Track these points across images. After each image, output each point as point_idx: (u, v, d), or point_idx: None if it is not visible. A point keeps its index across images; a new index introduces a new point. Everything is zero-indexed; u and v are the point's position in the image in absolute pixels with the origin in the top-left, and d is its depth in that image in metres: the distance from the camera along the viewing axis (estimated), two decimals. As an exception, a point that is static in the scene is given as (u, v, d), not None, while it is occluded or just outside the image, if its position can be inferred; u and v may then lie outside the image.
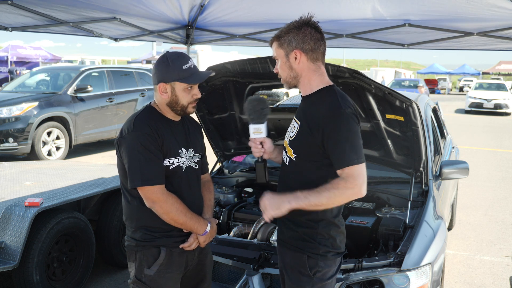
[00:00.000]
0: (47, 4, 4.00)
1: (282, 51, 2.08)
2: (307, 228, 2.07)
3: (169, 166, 2.19)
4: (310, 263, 2.06)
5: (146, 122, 2.15)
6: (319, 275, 2.07)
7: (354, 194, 1.95)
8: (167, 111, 2.25)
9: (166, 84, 2.17)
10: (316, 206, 1.96)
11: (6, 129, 8.25)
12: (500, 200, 7.10)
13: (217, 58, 22.08)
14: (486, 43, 4.57)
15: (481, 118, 20.01)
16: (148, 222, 2.20)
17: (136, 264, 2.22)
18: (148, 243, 2.20)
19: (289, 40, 2.05)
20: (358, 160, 1.94)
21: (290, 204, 1.96)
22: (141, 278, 2.20)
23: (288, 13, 4.70)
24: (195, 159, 2.32)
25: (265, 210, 2.01)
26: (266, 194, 2.05)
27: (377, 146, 3.27)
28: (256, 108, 2.23)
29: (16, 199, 3.57)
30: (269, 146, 2.28)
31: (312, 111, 2.05)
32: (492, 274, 4.47)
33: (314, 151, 2.02)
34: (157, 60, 2.24)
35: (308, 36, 2.05)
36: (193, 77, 2.18)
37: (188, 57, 2.22)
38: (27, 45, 24.57)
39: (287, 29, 2.07)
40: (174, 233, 2.22)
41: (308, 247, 2.07)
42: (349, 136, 1.94)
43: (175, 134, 2.24)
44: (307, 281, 2.07)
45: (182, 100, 2.19)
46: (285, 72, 2.12)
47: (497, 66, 42.39)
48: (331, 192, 1.93)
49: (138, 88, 10.85)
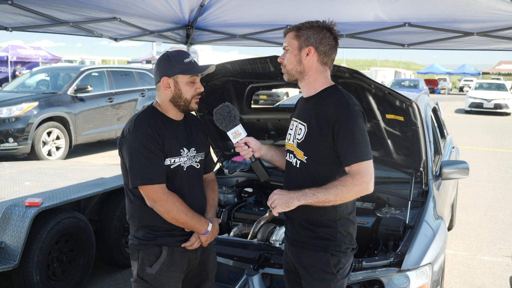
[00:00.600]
0: (47, 4, 4.00)
1: (297, 43, 2.10)
2: (328, 228, 2.11)
3: (170, 166, 2.20)
4: (334, 261, 2.10)
5: (146, 122, 2.17)
6: (341, 272, 2.13)
7: (361, 191, 1.99)
8: (170, 109, 2.26)
9: (169, 79, 2.20)
10: (324, 203, 1.99)
11: (6, 129, 8.25)
12: (500, 200, 7.10)
13: (217, 58, 22.09)
14: (486, 43, 4.57)
15: (481, 118, 20.01)
16: (150, 221, 2.21)
17: (139, 262, 2.24)
18: (150, 242, 2.22)
19: (308, 35, 2.08)
20: (366, 157, 1.98)
21: (299, 201, 2.00)
22: (143, 277, 2.22)
23: (288, 14, 4.72)
24: (197, 159, 2.32)
25: (274, 206, 2.04)
26: (276, 190, 2.08)
27: (377, 146, 3.27)
28: (223, 114, 2.24)
29: (16, 199, 3.57)
30: (255, 144, 2.29)
31: (320, 111, 2.07)
32: (492, 274, 4.47)
33: (326, 151, 2.05)
34: (158, 58, 2.26)
35: (326, 40, 2.09)
36: (195, 68, 2.21)
37: (188, 53, 2.26)
38: (27, 45, 24.56)
39: (310, 25, 2.10)
40: (176, 232, 2.23)
41: (330, 245, 2.11)
42: (357, 133, 1.98)
43: (176, 134, 2.24)
44: (332, 279, 2.11)
45: (185, 94, 2.21)
46: (291, 64, 2.13)
47: (497, 66, 42.38)
48: (338, 189, 1.96)
49: (138, 88, 10.85)
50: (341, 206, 2.09)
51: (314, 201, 1.98)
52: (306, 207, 2.08)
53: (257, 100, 20.01)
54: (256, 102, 19.57)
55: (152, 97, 11.06)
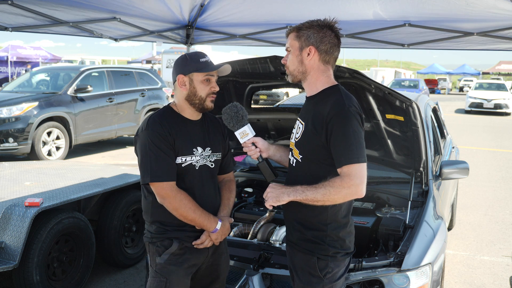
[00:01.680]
0: (47, 4, 4.00)
1: (298, 43, 2.09)
2: (316, 231, 2.09)
3: (181, 164, 2.25)
4: (320, 265, 2.09)
5: (159, 121, 2.23)
6: (329, 276, 2.10)
7: (350, 194, 1.95)
8: (185, 108, 2.30)
9: (184, 76, 2.25)
10: (313, 201, 1.98)
11: (6, 129, 8.25)
12: (500, 200, 7.10)
13: (217, 58, 22.08)
14: (486, 43, 4.58)
15: (481, 118, 20.01)
16: (162, 217, 2.27)
17: (150, 254, 2.33)
18: (162, 235, 2.28)
19: (308, 35, 2.07)
20: (358, 160, 1.93)
21: (289, 196, 2.00)
22: (154, 267, 2.30)
23: (288, 14, 4.72)
24: (211, 158, 2.35)
25: (267, 199, 2.06)
26: (271, 184, 2.10)
27: (377, 146, 3.27)
28: (231, 114, 2.24)
29: (16, 199, 3.57)
30: (262, 144, 2.29)
31: (317, 110, 2.06)
32: (492, 274, 4.47)
33: (319, 151, 2.03)
34: (175, 60, 2.33)
35: (327, 38, 2.07)
36: (210, 66, 2.25)
37: (205, 54, 2.30)
38: (27, 45, 24.57)
39: (310, 24, 2.09)
40: (187, 228, 2.28)
41: (317, 249, 2.09)
42: (350, 134, 1.94)
43: (191, 133, 2.29)
44: (317, 282, 2.09)
45: (200, 92, 2.25)
46: (293, 65, 2.12)
47: (497, 66, 42.40)
48: (326, 189, 1.94)
49: (138, 88, 10.84)
50: (333, 208, 2.06)
51: (303, 199, 1.98)
52: (299, 208, 2.08)
53: (257, 100, 20.01)
54: (256, 102, 19.57)
55: (152, 97, 11.07)
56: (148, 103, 10.89)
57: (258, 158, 2.27)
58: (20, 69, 21.74)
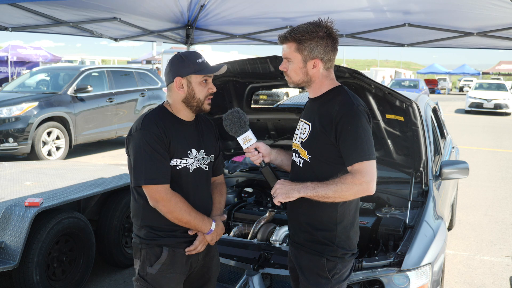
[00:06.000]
0: (47, 4, 4.00)
1: (300, 56, 2.06)
2: (326, 231, 2.10)
3: (176, 167, 2.19)
4: (329, 266, 2.09)
5: (154, 121, 2.16)
6: (337, 277, 2.11)
7: (361, 191, 1.98)
8: (181, 109, 2.24)
9: (182, 79, 2.19)
10: (323, 198, 1.99)
11: (6, 129, 8.25)
12: (500, 200, 7.10)
13: (217, 58, 22.07)
14: (486, 42, 4.58)
15: (481, 118, 20.01)
16: (153, 221, 2.21)
17: (140, 261, 2.24)
18: (152, 242, 2.21)
19: (311, 48, 2.04)
20: (368, 157, 1.97)
21: (299, 193, 2.01)
22: (144, 276, 2.23)
23: (288, 13, 4.72)
24: (206, 161, 2.31)
25: (276, 195, 2.05)
26: (280, 180, 2.10)
27: (377, 146, 3.26)
28: (233, 120, 2.22)
29: (16, 199, 3.57)
30: (265, 149, 2.28)
31: (324, 110, 2.07)
32: (492, 274, 4.47)
33: (328, 151, 2.05)
34: (170, 59, 2.25)
35: (329, 47, 2.07)
36: (209, 68, 2.21)
37: (200, 54, 2.25)
38: (27, 45, 24.53)
39: (310, 36, 2.03)
40: (178, 234, 2.22)
41: (327, 250, 2.10)
42: (360, 132, 1.97)
43: (185, 135, 2.23)
44: (326, 283, 2.10)
45: (198, 94, 2.21)
46: (297, 76, 2.11)
47: (497, 66, 42.39)
48: (338, 186, 1.96)
49: (138, 88, 10.84)
50: (342, 206, 2.08)
51: (314, 195, 1.98)
52: (308, 207, 2.08)
53: (257, 100, 20.01)
54: (256, 102, 19.57)
55: (152, 97, 11.07)
56: (148, 103, 10.88)
57: (261, 163, 2.25)
58: (20, 69, 21.72)
